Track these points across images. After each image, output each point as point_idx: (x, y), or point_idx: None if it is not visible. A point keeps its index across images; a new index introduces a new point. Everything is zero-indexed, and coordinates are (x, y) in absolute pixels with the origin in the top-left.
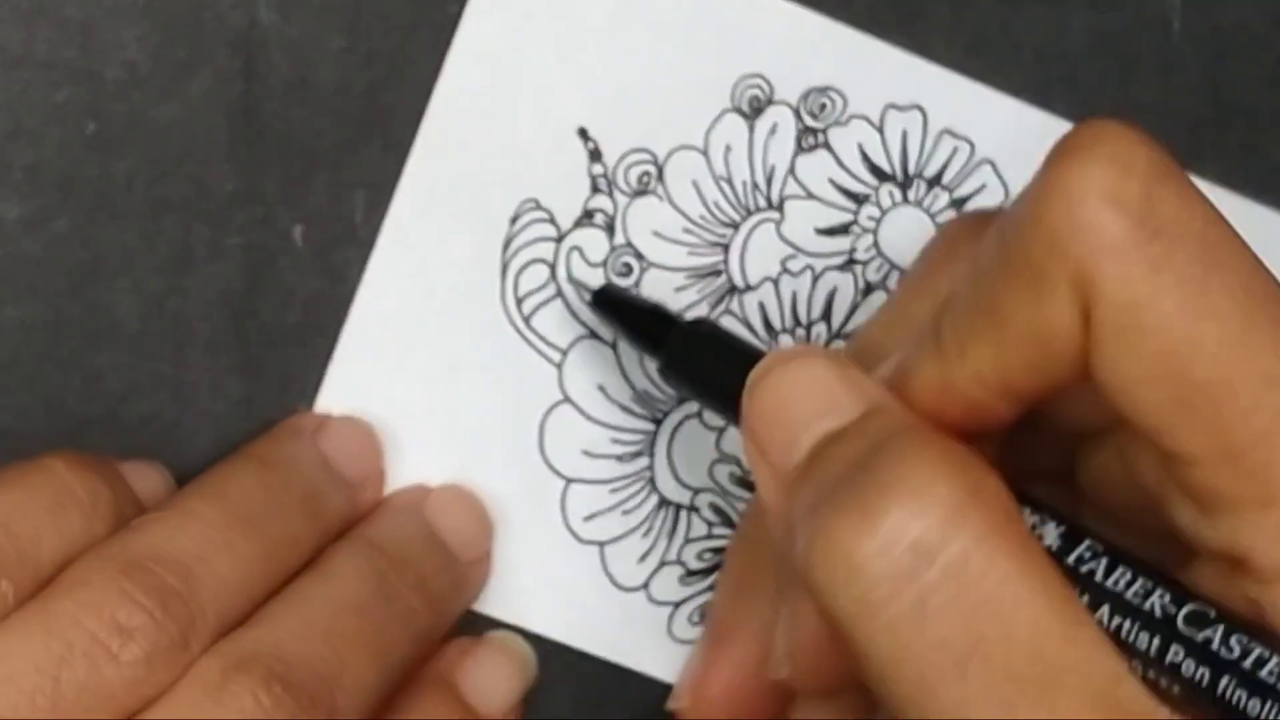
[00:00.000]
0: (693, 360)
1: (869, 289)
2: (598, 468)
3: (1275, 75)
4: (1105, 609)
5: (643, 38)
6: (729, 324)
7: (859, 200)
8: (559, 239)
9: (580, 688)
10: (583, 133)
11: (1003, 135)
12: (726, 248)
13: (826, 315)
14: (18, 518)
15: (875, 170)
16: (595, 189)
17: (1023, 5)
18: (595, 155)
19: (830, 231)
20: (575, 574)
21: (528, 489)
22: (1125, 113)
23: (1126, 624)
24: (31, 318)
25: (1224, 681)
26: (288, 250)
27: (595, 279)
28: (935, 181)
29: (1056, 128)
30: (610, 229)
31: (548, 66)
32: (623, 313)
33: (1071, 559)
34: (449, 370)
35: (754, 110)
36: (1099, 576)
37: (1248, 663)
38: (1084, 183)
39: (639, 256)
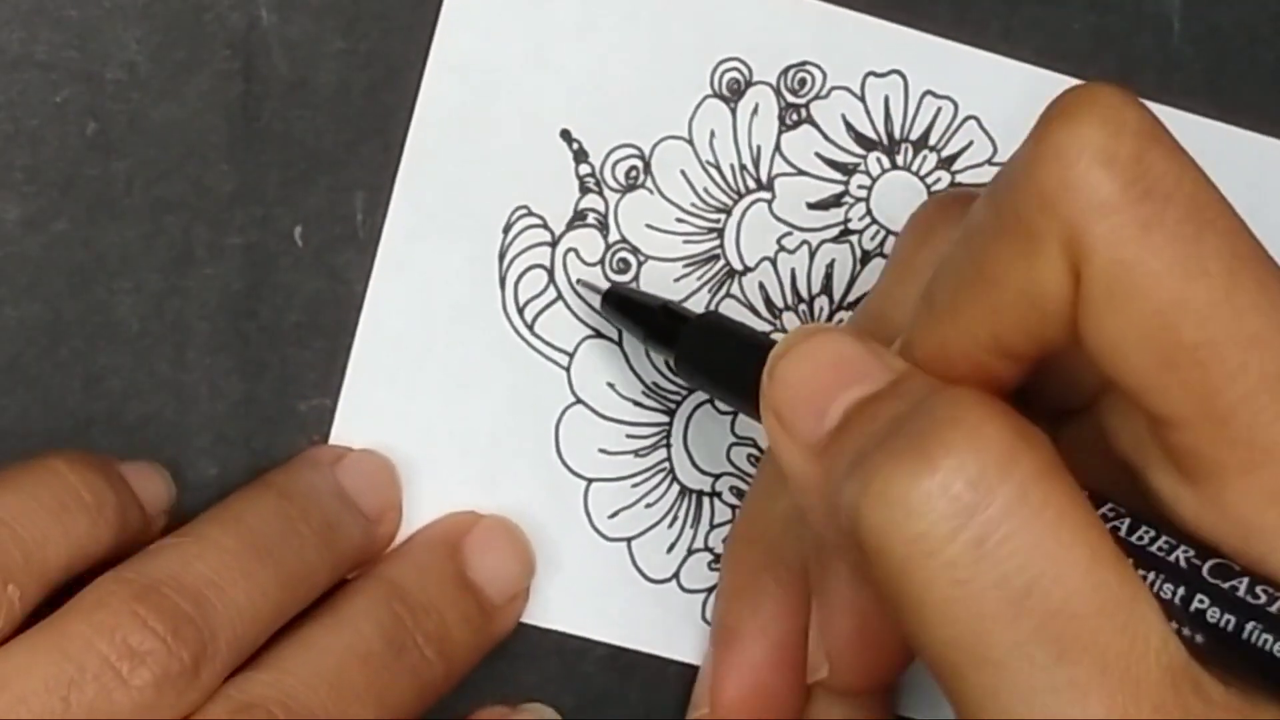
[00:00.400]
0: (705, 354)
1: (866, 257)
2: (616, 464)
3: (1275, 75)
4: (1130, 563)
5: (616, 33)
6: (731, 307)
7: (848, 171)
8: (554, 243)
9: (580, 687)
10: (565, 134)
11: (985, 90)
12: (721, 232)
13: (827, 288)
14: (24, 521)
15: (861, 139)
16: (584, 189)
17: (1023, 5)
18: (581, 155)
19: (822, 205)
20: (605, 572)
21: (549, 493)
22: None
23: (1152, 575)
24: (32, 318)
25: (1250, 626)
26: (288, 251)
27: (594, 278)
28: (922, 144)
29: (1036, 77)
30: (604, 227)
31: (524, 72)
32: (632, 313)
33: None
34: (459, 386)
35: (734, 93)
36: (1124, 533)
37: (1275, 608)
38: (1076, 143)
39: (635, 251)
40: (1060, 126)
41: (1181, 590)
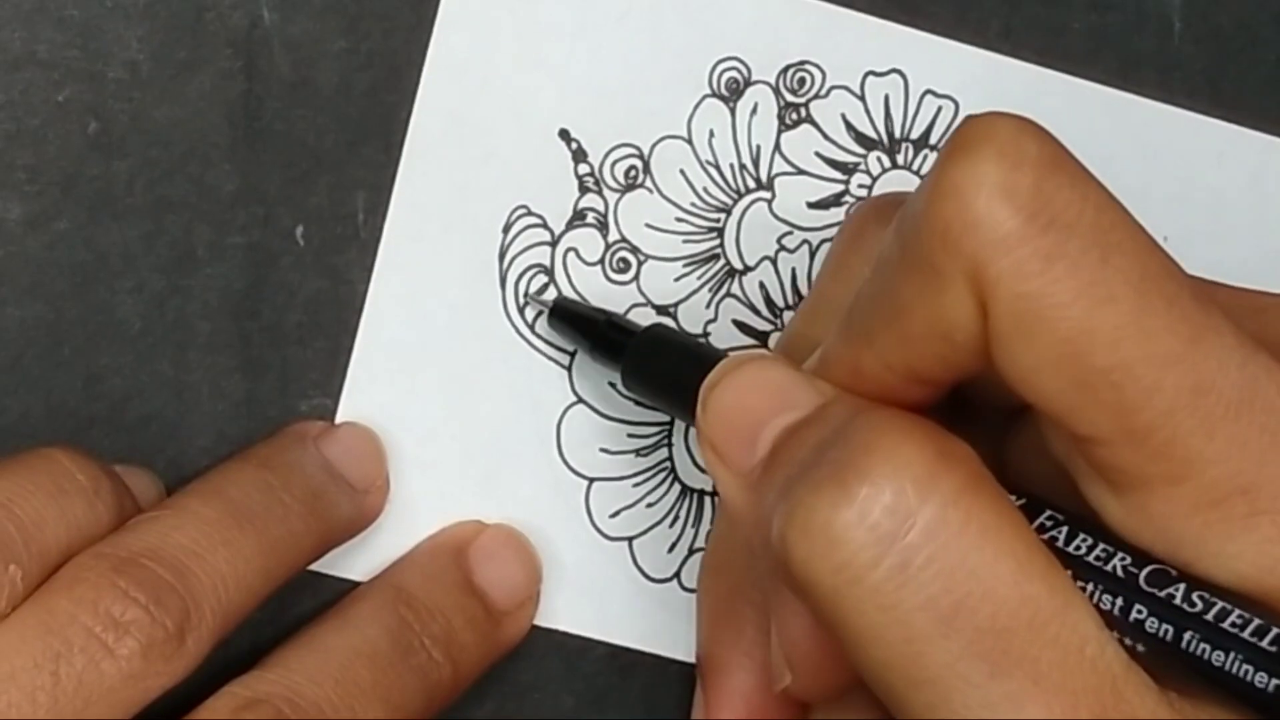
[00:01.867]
0: (651, 368)
1: None
2: (618, 464)
3: (1275, 75)
4: (1069, 574)
5: (615, 33)
6: (732, 306)
7: (848, 170)
8: (553, 242)
9: (580, 687)
10: (564, 134)
11: (984, 88)
12: (721, 231)
13: None
14: (20, 502)
15: (861, 139)
16: (584, 188)
17: (1023, 5)
18: (580, 155)
19: (823, 204)
20: (606, 572)
21: (550, 492)
22: None
23: (1090, 586)
24: (33, 318)
25: (1188, 635)
26: (289, 250)
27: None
28: (922, 143)
29: (1036, 77)
30: (603, 226)
31: (522, 72)
32: (579, 326)
33: (1033, 527)
34: (461, 386)
35: (733, 92)
36: (1061, 543)
37: (1210, 615)
38: (975, 178)
39: (635, 251)
40: (958, 162)
41: (1120, 600)
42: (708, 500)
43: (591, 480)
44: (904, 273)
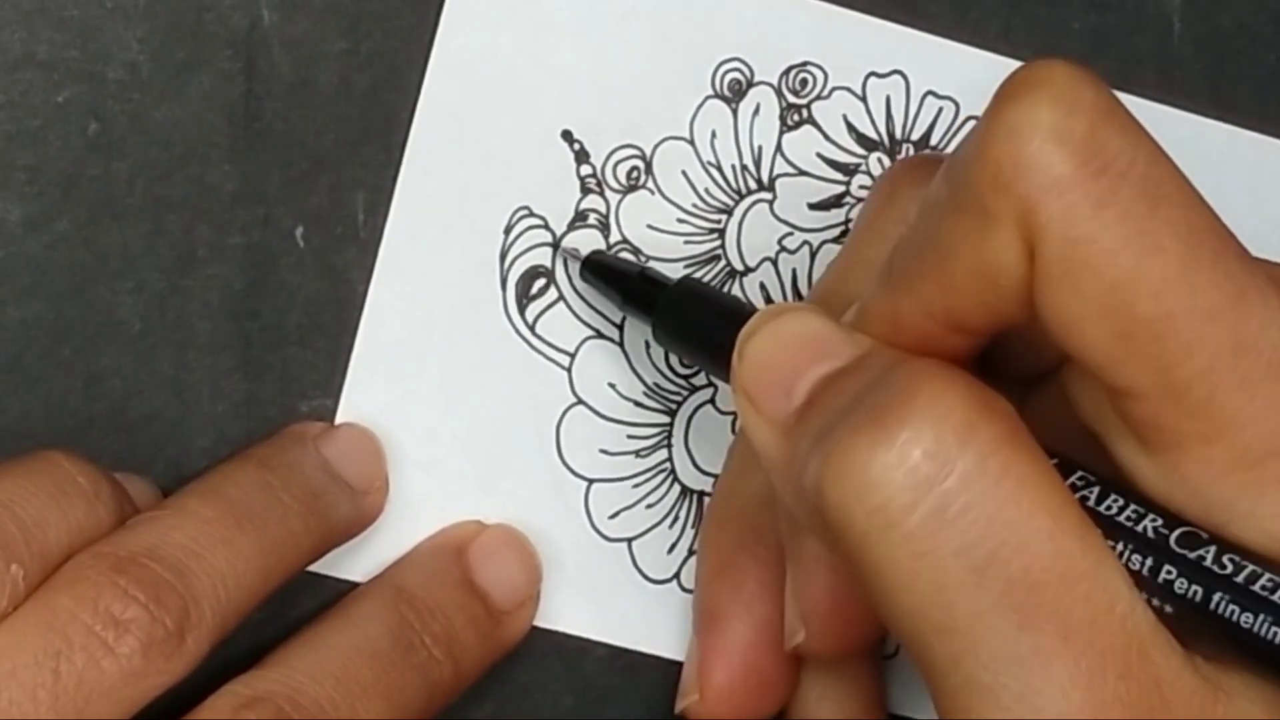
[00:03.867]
0: (683, 320)
1: None
2: (617, 465)
3: (1275, 75)
4: (1101, 532)
5: (617, 34)
6: None
7: (849, 171)
8: (555, 244)
9: (580, 687)
10: (567, 135)
11: (986, 90)
12: (722, 232)
13: None
14: (22, 503)
15: (862, 140)
16: (585, 189)
17: (1023, 5)
18: (582, 156)
19: (824, 205)
20: (605, 572)
21: (550, 493)
22: None
23: (1120, 546)
24: (33, 318)
25: (1217, 597)
26: (289, 251)
27: (577, 245)
28: (923, 144)
29: None
30: (605, 227)
31: (525, 73)
32: (612, 279)
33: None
34: (461, 386)
35: (735, 94)
36: (1092, 502)
37: (1241, 577)
38: (1029, 120)
39: (636, 252)
40: (1014, 105)
41: (1150, 560)
42: (707, 501)
43: (591, 481)
44: (952, 215)
